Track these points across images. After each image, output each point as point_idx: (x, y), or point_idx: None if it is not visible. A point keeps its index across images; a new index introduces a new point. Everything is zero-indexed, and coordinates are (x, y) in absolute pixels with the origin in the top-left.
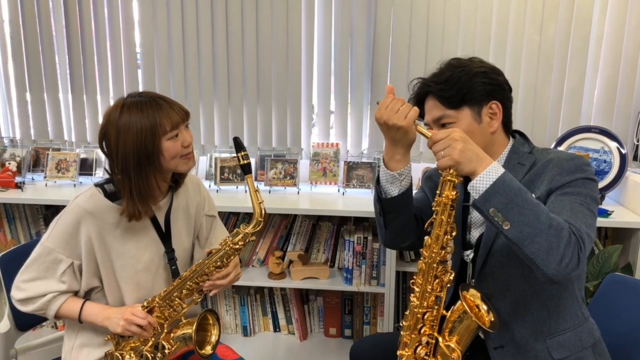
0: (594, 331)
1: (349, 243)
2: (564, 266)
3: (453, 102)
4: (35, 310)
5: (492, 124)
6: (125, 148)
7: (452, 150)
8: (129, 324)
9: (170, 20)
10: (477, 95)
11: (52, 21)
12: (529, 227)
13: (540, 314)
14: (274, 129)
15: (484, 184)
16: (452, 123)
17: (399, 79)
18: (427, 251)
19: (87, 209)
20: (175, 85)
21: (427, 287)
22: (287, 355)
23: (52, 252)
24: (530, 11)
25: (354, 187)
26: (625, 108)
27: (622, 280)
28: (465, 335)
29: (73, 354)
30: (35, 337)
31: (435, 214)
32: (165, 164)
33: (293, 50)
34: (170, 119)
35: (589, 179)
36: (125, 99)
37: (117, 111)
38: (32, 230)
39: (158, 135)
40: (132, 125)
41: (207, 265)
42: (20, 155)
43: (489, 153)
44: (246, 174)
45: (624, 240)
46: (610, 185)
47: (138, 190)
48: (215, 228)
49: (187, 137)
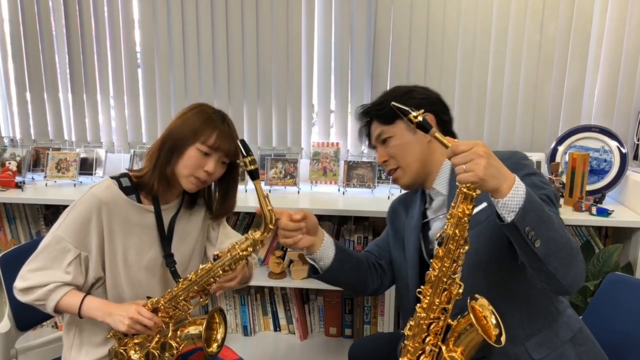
0: (571, 323)
1: (349, 242)
2: (579, 276)
3: (387, 118)
4: (35, 300)
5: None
6: (172, 129)
7: (476, 165)
8: (135, 322)
9: (170, 19)
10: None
11: (52, 20)
12: (555, 243)
13: (513, 319)
14: (274, 128)
15: (516, 201)
16: (390, 137)
17: (399, 77)
18: (437, 263)
19: (102, 199)
20: (175, 85)
21: (435, 300)
22: (287, 354)
23: (62, 241)
24: (530, 10)
25: (354, 186)
26: (626, 107)
27: (623, 280)
28: (470, 347)
29: (72, 353)
30: (35, 337)
31: (448, 226)
32: (178, 168)
33: (293, 50)
34: (217, 138)
35: (530, 174)
36: (206, 105)
37: (195, 106)
38: (33, 230)
39: (195, 139)
40: (191, 119)
41: (214, 271)
42: (21, 154)
43: (430, 161)
44: (254, 180)
45: (624, 240)
46: (610, 184)
47: (160, 169)
48: (224, 226)
49: (212, 165)
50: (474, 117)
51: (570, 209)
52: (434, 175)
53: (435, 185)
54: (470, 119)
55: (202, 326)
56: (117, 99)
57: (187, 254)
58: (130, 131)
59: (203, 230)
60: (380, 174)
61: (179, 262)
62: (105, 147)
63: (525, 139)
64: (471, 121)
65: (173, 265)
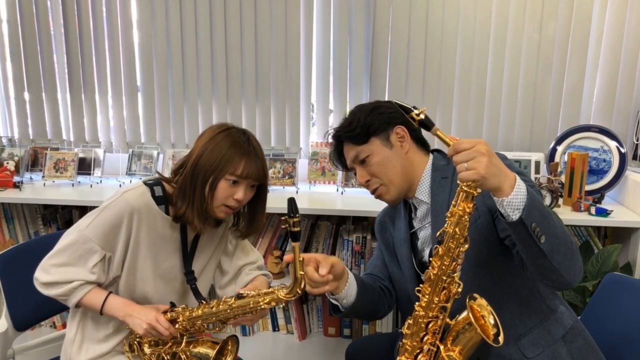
0: (563, 320)
1: (347, 242)
2: (579, 270)
3: (361, 138)
4: (58, 295)
5: (404, 145)
6: (202, 159)
7: (478, 163)
8: (152, 328)
9: (169, 18)
10: (379, 125)
11: (50, 20)
12: (557, 238)
13: (505, 319)
14: (272, 128)
15: (520, 199)
16: (368, 156)
17: (398, 77)
18: (437, 261)
19: (135, 206)
20: (174, 84)
21: (434, 299)
22: (286, 354)
23: (89, 242)
24: (529, 9)
25: (353, 186)
26: (625, 107)
27: (622, 280)
28: (468, 346)
29: (74, 349)
30: (34, 337)
31: (448, 224)
32: (212, 200)
33: (292, 49)
34: (245, 166)
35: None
36: (233, 127)
37: (221, 128)
38: (31, 230)
39: (225, 171)
40: (219, 146)
41: (235, 310)
42: (19, 154)
43: (410, 172)
44: (294, 242)
45: (624, 240)
46: (609, 184)
47: (198, 203)
48: (240, 242)
49: (242, 193)
50: (473, 117)
51: (569, 209)
52: (415, 184)
53: (417, 195)
54: (469, 119)
55: (214, 350)
56: (116, 99)
57: (201, 266)
58: (128, 131)
59: (221, 244)
60: None
61: (201, 276)
62: (103, 147)
63: (524, 139)
64: (470, 121)
65: (194, 282)
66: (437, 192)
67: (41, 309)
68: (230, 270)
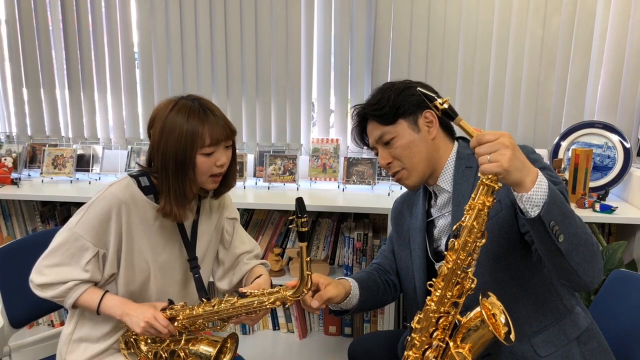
0: (579, 321)
1: (349, 240)
2: (599, 272)
3: (388, 119)
4: (54, 296)
5: (431, 131)
6: (167, 148)
7: (501, 156)
8: (150, 326)
9: (169, 14)
10: (408, 107)
11: (49, 16)
12: (577, 238)
13: (520, 315)
14: (273, 124)
15: (540, 195)
16: (394, 138)
17: (399, 74)
18: (452, 255)
19: (121, 198)
20: (173, 80)
21: (447, 293)
22: (286, 353)
23: (80, 239)
24: (533, 5)
25: (354, 183)
26: (629, 103)
27: (627, 277)
28: (478, 344)
29: (70, 347)
30: (31, 334)
31: (466, 218)
32: (197, 177)
33: (292, 45)
34: (212, 133)
35: (541, 168)
36: (179, 99)
37: (168, 107)
38: (29, 227)
39: (195, 147)
40: (176, 127)
41: (238, 310)
42: (17, 151)
43: (435, 158)
44: (301, 242)
45: (629, 237)
46: (614, 181)
47: (175, 192)
48: (237, 231)
49: (222, 157)
50: (476, 113)
51: (573, 206)
52: (438, 172)
53: (439, 182)
54: (472, 115)
55: (214, 348)
56: (115, 95)
57: (202, 253)
58: (127, 128)
59: (217, 232)
60: (380, 170)
61: (204, 263)
62: (102, 144)
63: (528, 135)
64: (473, 117)
65: (197, 271)
66: (460, 181)
67: (38, 306)
68: (227, 260)
